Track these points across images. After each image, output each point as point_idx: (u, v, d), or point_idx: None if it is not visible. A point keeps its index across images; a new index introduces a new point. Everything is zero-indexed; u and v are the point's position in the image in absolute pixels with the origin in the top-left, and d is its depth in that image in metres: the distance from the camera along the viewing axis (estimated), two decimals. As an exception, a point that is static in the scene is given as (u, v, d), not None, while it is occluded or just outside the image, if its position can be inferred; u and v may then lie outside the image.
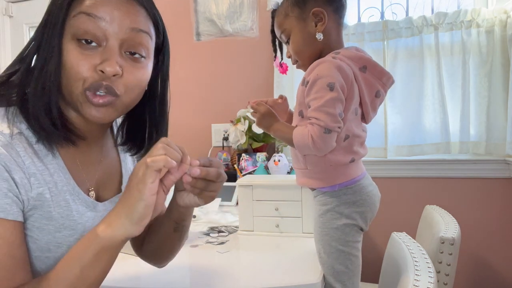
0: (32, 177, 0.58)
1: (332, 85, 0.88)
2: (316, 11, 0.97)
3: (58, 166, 0.62)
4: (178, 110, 2.23)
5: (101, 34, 0.58)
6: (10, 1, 2.51)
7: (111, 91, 0.59)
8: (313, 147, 0.89)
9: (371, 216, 0.98)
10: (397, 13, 2.02)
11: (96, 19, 0.57)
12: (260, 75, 2.13)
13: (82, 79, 0.58)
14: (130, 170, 0.80)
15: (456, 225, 1.28)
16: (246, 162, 1.86)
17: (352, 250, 0.95)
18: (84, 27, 0.57)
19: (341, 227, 0.94)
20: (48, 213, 0.60)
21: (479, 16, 1.77)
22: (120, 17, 0.59)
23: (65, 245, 0.63)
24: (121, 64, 0.59)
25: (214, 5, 2.13)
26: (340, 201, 0.95)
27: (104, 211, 0.70)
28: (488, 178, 1.84)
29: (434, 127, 1.86)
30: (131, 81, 0.61)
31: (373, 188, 1.00)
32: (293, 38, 1.01)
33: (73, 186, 0.64)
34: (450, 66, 1.84)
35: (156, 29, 0.66)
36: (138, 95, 0.65)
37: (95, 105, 0.59)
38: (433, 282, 0.78)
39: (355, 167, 0.98)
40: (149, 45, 0.64)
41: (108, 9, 0.58)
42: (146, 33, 0.62)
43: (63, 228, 0.62)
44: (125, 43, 0.60)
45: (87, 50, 0.58)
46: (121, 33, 0.59)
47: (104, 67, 0.57)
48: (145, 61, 0.64)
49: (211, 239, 1.24)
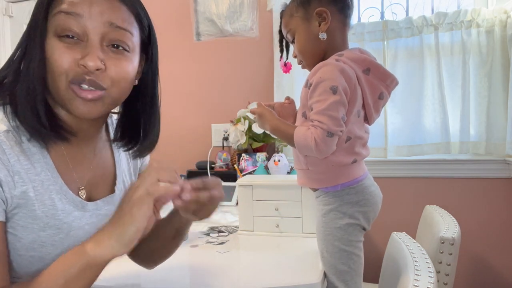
0: (16, 175, 0.58)
1: (335, 88, 0.88)
2: (319, 10, 0.97)
3: (46, 165, 0.63)
4: (178, 110, 2.23)
5: (80, 30, 0.59)
6: (10, 1, 2.51)
7: (95, 85, 0.60)
8: (315, 150, 0.89)
9: (374, 215, 0.99)
10: (397, 13, 2.02)
11: (75, 16, 0.58)
12: (260, 75, 2.13)
13: (64, 72, 0.59)
14: (124, 170, 0.80)
15: (456, 225, 1.28)
16: (246, 162, 1.86)
17: (354, 249, 0.95)
18: (64, 25, 0.58)
19: (344, 226, 0.94)
20: (32, 212, 0.60)
21: (479, 16, 1.77)
22: (99, 12, 0.59)
23: (49, 244, 0.63)
24: (103, 58, 0.60)
25: (214, 5, 2.13)
26: (343, 201, 0.95)
27: (94, 210, 0.70)
28: (488, 178, 1.84)
29: (434, 127, 1.86)
30: (116, 73, 0.61)
31: (375, 188, 1.00)
32: (298, 38, 1.02)
33: (60, 185, 0.64)
34: (450, 66, 1.84)
35: (140, 23, 0.65)
36: (125, 88, 0.65)
37: (83, 99, 0.60)
38: (433, 282, 0.78)
39: (358, 168, 0.98)
40: (132, 41, 0.64)
41: (86, 5, 0.59)
42: (125, 30, 0.62)
43: (48, 227, 0.62)
44: (106, 37, 0.60)
45: (69, 45, 0.59)
46: (100, 28, 0.60)
47: (86, 62, 0.58)
48: (130, 55, 0.64)
49: (211, 239, 1.24)
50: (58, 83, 0.59)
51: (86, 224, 0.68)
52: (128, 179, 0.80)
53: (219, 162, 2.03)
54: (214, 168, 1.98)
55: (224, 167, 2.00)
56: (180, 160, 2.11)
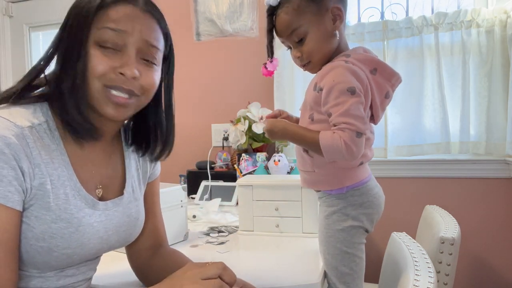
0: (36, 168, 0.63)
1: (353, 89, 0.86)
2: (335, 8, 0.93)
3: (63, 162, 0.67)
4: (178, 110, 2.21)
5: (121, 42, 0.67)
6: (10, 1, 2.51)
7: (131, 92, 0.68)
8: (346, 153, 0.85)
9: (377, 217, 0.98)
10: (397, 13, 2.02)
11: (119, 32, 0.66)
12: (260, 75, 2.11)
13: (102, 75, 0.65)
14: (133, 176, 0.83)
15: (456, 225, 1.28)
16: (246, 162, 1.86)
17: (357, 252, 0.94)
18: (108, 38, 0.66)
19: (347, 228, 0.94)
20: (47, 204, 0.64)
21: (479, 16, 1.77)
22: (140, 30, 0.68)
23: (59, 236, 0.65)
24: (138, 68, 0.68)
25: (214, 5, 2.13)
26: (347, 202, 0.94)
27: (104, 210, 0.74)
28: (488, 178, 1.84)
29: (434, 127, 1.86)
30: (147, 83, 0.70)
31: (378, 190, 0.99)
32: (310, 37, 0.93)
33: (75, 182, 0.68)
34: (450, 66, 1.84)
35: (166, 41, 0.75)
36: (151, 97, 0.73)
37: (116, 103, 0.67)
38: (433, 282, 0.78)
39: (363, 169, 0.97)
40: (159, 56, 0.73)
41: (130, 23, 0.67)
42: (157, 48, 0.71)
43: (59, 220, 0.65)
44: (141, 52, 0.69)
45: (108, 53, 0.66)
46: (138, 43, 0.68)
47: (125, 70, 0.66)
48: (157, 67, 0.73)
49: (211, 239, 1.24)
50: (95, 84, 0.65)
51: (95, 222, 0.71)
52: (136, 185, 0.83)
53: (219, 162, 2.03)
54: (214, 168, 1.98)
55: (224, 167, 2.00)
56: (180, 160, 2.10)
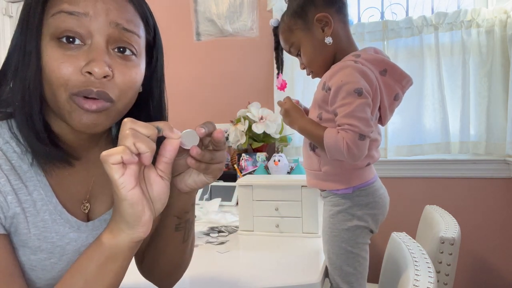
0: (9, 195, 0.52)
1: (360, 90, 0.86)
2: (319, 16, 0.95)
3: (39, 182, 0.56)
4: (178, 110, 2.23)
5: (84, 31, 0.51)
6: (10, 1, 2.51)
7: (104, 96, 0.52)
8: (347, 154, 0.86)
9: (382, 218, 0.98)
10: (397, 13, 2.02)
11: (78, 15, 0.51)
12: (260, 75, 2.13)
13: (64, 84, 0.51)
14: None
15: (456, 225, 1.28)
16: (246, 162, 1.86)
17: (361, 252, 0.95)
18: (65, 26, 0.51)
19: (352, 228, 0.94)
20: (24, 235, 0.55)
21: (479, 16, 1.77)
22: (105, 10, 0.52)
23: (39, 268, 0.57)
24: (110, 63, 0.52)
25: (214, 5, 2.13)
26: (353, 202, 0.95)
27: (91, 230, 0.63)
28: (488, 178, 1.84)
29: (434, 127, 1.86)
30: (124, 82, 0.54)
31: (384, 191, 1.00)
32: (304, 50, 0.99)
33: (54, 205, 0.57)
34: (450, 66, 1.84)
35: (146, 24, 0.59)
36: (132, 98, 0.58)
37: (87, 110, 0.52)
38: (433, 282, 0.78)
39: (369, 170, 0.98)
40: (139, 44, 0.57)
41: (90, 3, 0.51)
42: (132, 33, 0.55)
43: (39, 251, 0.56)
44: (112, 39, 0.53)
45: (69, 50, 0.51)
46: (107, 28, 0.52)
47: (92, 68, 0.50)
48: (137, 60, 0.57)
49: (211, 239, 1.24)
50: (57, 96, 0.52)
51: (82, 246, 0.61)
52: None
53: (219, 162, 2.03)
54: (214, 168, 1.97)
55: (224, 167, 2.00)
56: (180, 160, 2.11)
